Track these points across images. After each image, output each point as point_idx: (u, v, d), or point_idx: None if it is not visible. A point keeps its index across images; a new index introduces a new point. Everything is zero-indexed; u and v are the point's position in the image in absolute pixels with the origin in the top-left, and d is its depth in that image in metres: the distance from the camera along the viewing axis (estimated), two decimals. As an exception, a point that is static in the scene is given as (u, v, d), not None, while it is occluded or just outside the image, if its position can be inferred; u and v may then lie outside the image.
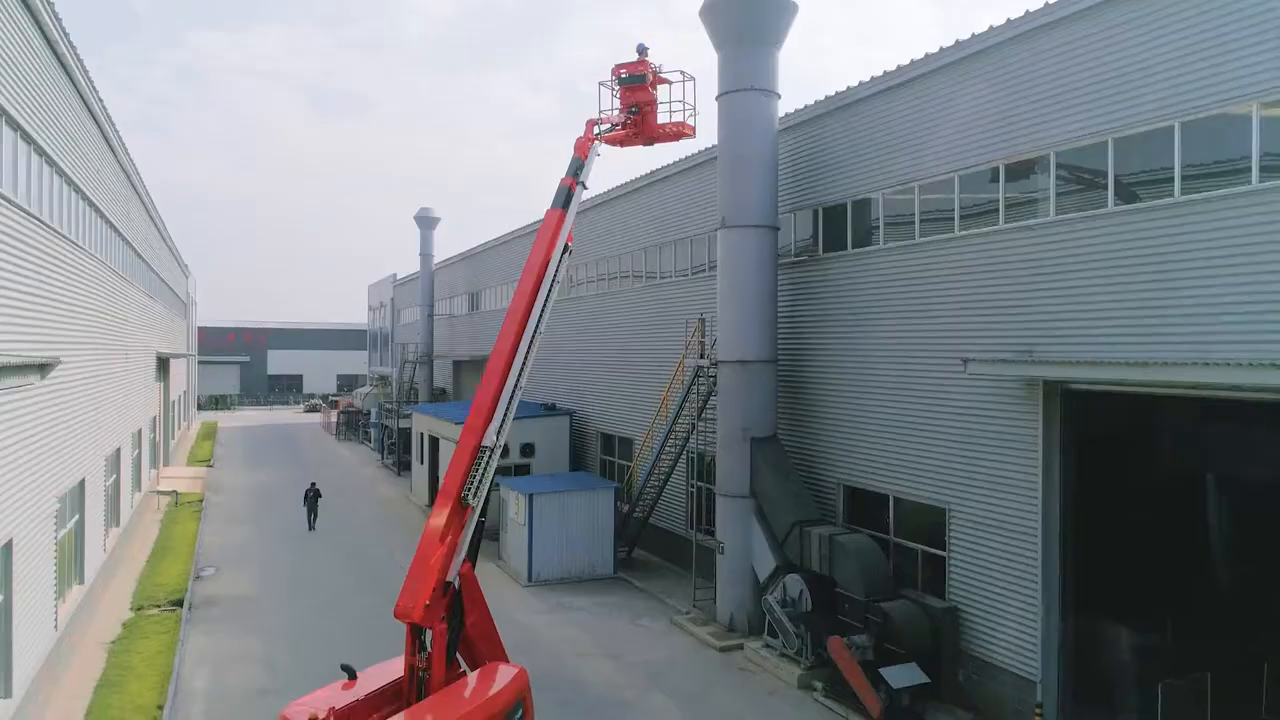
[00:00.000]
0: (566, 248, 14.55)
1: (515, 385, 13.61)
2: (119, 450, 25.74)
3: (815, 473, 20.50)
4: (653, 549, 27.25)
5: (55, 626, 16.70)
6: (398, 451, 47.29)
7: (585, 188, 15.58)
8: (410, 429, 41.36)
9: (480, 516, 12.83)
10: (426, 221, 53.01)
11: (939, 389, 17.07)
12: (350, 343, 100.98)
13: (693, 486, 24.67)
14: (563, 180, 15.42)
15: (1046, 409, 14.85)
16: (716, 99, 20.67)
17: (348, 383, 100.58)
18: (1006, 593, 15.60)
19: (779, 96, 20.52)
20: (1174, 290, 12.99)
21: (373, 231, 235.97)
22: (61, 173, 17.38)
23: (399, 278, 67.96)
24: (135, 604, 21.89)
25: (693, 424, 22.89)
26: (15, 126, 13.77)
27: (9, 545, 13.21)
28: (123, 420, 26.78)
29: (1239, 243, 12.17)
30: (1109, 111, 13.88)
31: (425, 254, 53.27)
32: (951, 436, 16.78)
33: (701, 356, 22.06)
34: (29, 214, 14.61)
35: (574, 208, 15.03)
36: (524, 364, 13.76)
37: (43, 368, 9.49)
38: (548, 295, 14.04)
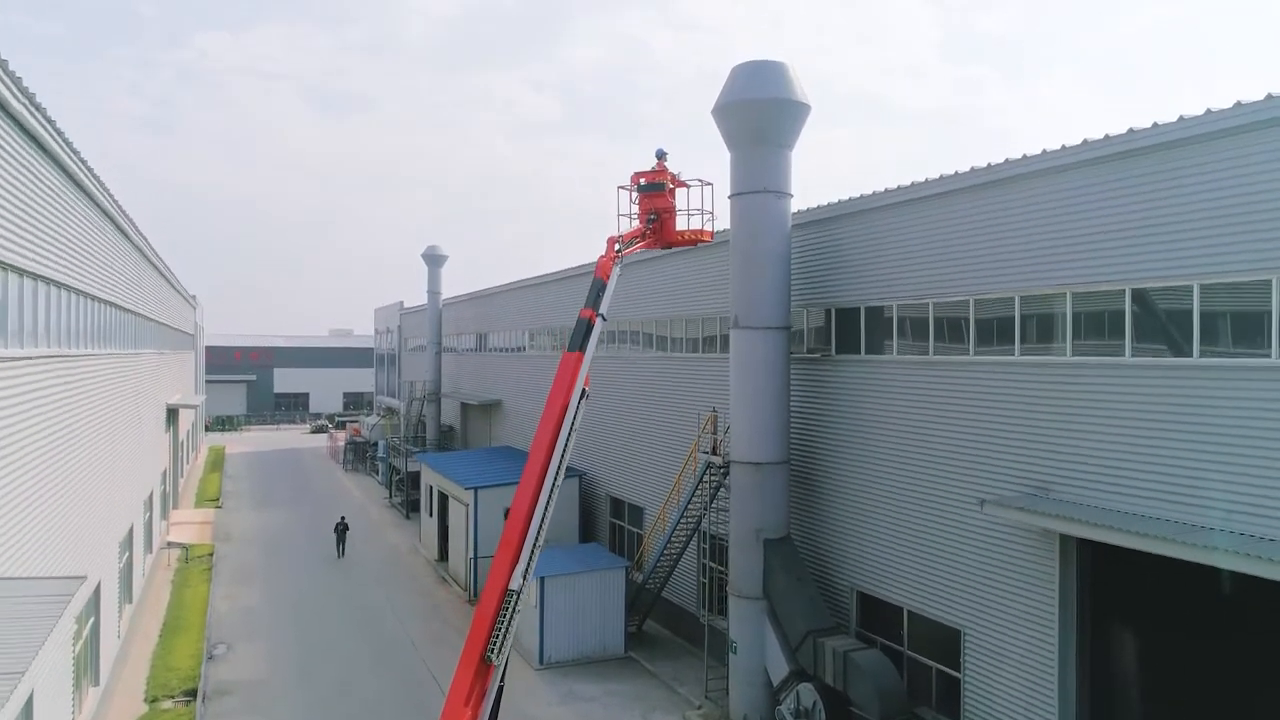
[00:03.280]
0: (584, 392, 14.59)
1: (538, 532, 13.79)
2: (131, 528, 25.84)
3: (828, 574, 20.53)
4: (663, 622, 27.30)
5: (73, 746, 16.79)
6: (405, 490, 47.38)
7: (605, 319, 15.62)
8: (419, 474, 41.42)
9: (500, 681, 12.91)
10: (434, 259, 53.02)
11: (952, 509, 17.09)
12: (356, 360, 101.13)
13: (704, 577, 24.64)
14: (581, 312, 15.45)
15: (1063, 548, 14.90)
16: (729, 198, 20.68)
17: (354, 400, 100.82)
18: (1022, 724, 15.62)
19: (792, 196, 20.53)
20: (1193, 449, 12.98)
21: (373, 232, 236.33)
22: (84, 294, 17.50)
23: (406, 306, 68.03)
24: (149, 695, 21.98)
25: (704, 510, 22.95)
26: (35, 277, 13.86)
27: (30, 699, 13.27)
28: (135, 495, 26.89)
29: (1260, 415, 12.15)
30: (1127, 260, 13.87)
31: (433, 291, 53.29)
32: (966, 559, 16.80)
33: (713, 451, 22.08)
34: (57, 357, 14.70)
35: (593, 346, 15.05)
36: (546, 510, 13.91)
37: (78, 593, 9.59)
38: (566, 442, 14.11)
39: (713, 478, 22.40)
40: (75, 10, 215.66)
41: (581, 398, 14.52)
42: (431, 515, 37.29)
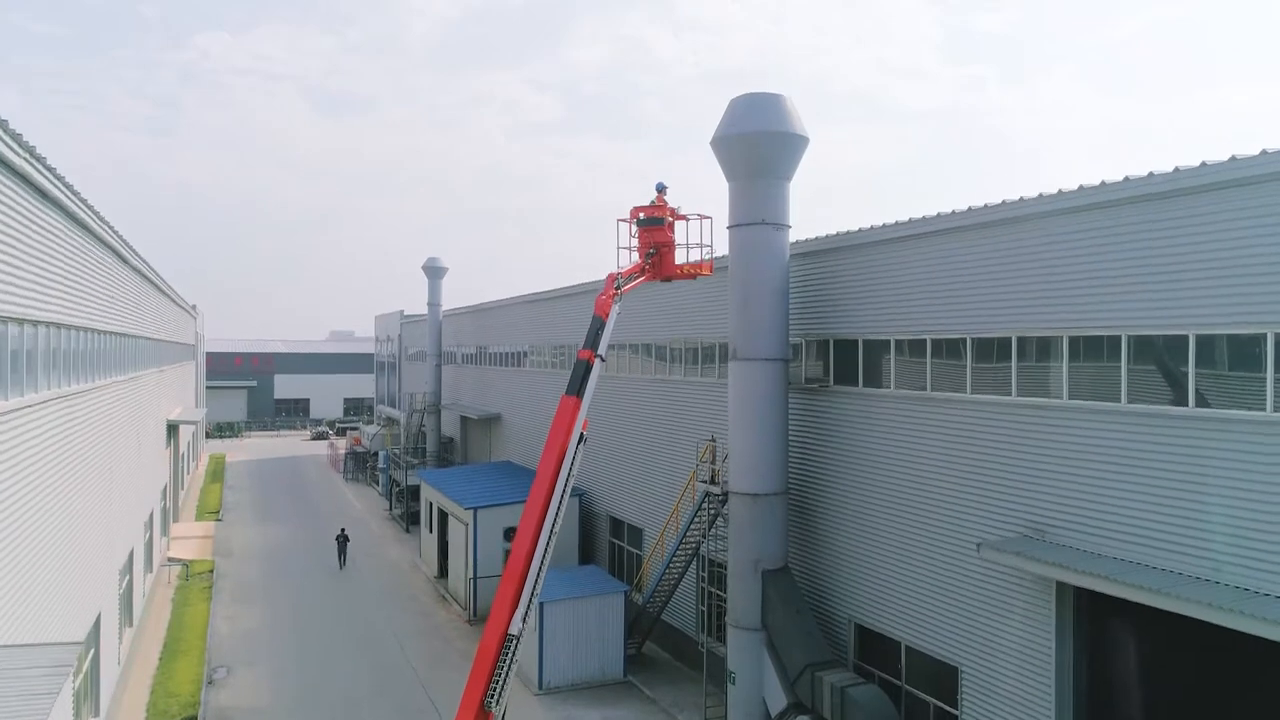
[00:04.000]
0: (582, 436, 14.63)
1: (538, 576, 13.86)
2: (131, 552, 25.90)
3: (827, 606, 20.57)
4: (663, 644, 27.35)
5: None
6: (405, 501, 47.41)
7: (603, 360, 15.66)
8: (419, 488, 41.46)
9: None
10: (435, 271, 53.06)
11: (949, 546, 17.12)
12: (357, 366, 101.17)
13: (703, 604, 24.67)
14: (580, 353, 15.51)
15: (1060, 589, 14.93)
16: (728, 229, 20.71)
17: (354, 406, 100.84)
18: (1018, 764, 15.66)
19: (790, 227, 20.56)
20: (1189, 500, 13.01)
21: (375, 232, 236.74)
22: (84, 329, 17.58)
23: (406, 314, 68.10)
24: (149, 723, 22.06)
25: (703, 536, 23.01)
26: (36, 323, 13.93)
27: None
28: (135, 518, 26.95)
29: (1257, 469, 12.18)
30: (1125, 307, 13.89)
31: (433, 303, 53.36)
32: (963, 596, 16.84)
33: (712, 481, 22.11)
34: (57, 399, 14.77)
35: (591, 389, 15.07)
36: (545, 555, 13.98)
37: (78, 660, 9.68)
38: (564, 488, 14.17)
39: (710, 506, 22.45)
40: (76, 10, 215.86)
41: (580, 442, 14.56)
42: (431, 532, 37.35)
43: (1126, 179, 13.70)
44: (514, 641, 13.43)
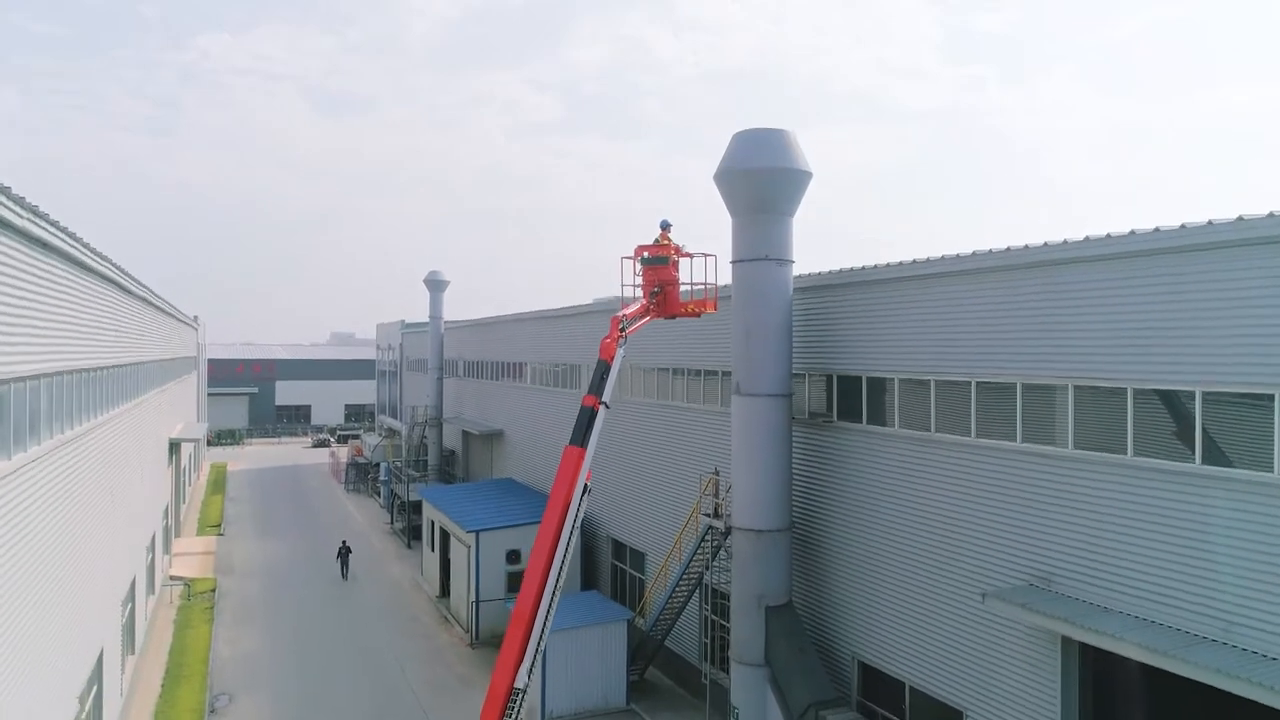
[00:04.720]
0: (586, 487, 14.58)
1: (543, 627, 13.84)
2: (134, 580, 25.87)
3: (829, 642, 20.53)
4: (665, 670, 27.31)
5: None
6: (407, 514, 47.31)
7: (608, 407, 15.57)
8: (420, 502, 41.39)
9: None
10: (436, 284, 53.00)
11: (953, 589, 17.08)
12: (358, 372, 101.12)
13: (705, 636, 24.60)
14: (584, 399, 15.42)
15: (1065, 641, 14.88)
16: (731, 264, 20.68)
17: (355, 412, 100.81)
18: (1023, 811, 15.62)
19: (793, 262, 20.53)
20: (1195, 557, 12.97)
21: (375, 232, 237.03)
22: (86, 370, 17.55)
23: (407, 323, 68.05)
24: (152, 756, 22.02)
25: (706, 567, 22.98)
26: (39, 377, 13.90)
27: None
28: (138, 543, 26.91)
29: (1266, 531, 12.14)
30: (1130, 359, 13.85)
31: (435, 316, 53.32)
32: (967, 639, 16.80)
33: (715, 514, 22.07)
34: (59, 448, 14.74)
35: (595, 438, 14.99)
36: (550, 608, 13.95)
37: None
38: (568, 542, 14.12)
39: (714, 539, 22.41)
40: (76, 10, 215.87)
41: (585, 493, 14.50)
42: (433, 550, 37.28)
43: (1133, 233, 13.66)
44: (520, 695, 13.43)
